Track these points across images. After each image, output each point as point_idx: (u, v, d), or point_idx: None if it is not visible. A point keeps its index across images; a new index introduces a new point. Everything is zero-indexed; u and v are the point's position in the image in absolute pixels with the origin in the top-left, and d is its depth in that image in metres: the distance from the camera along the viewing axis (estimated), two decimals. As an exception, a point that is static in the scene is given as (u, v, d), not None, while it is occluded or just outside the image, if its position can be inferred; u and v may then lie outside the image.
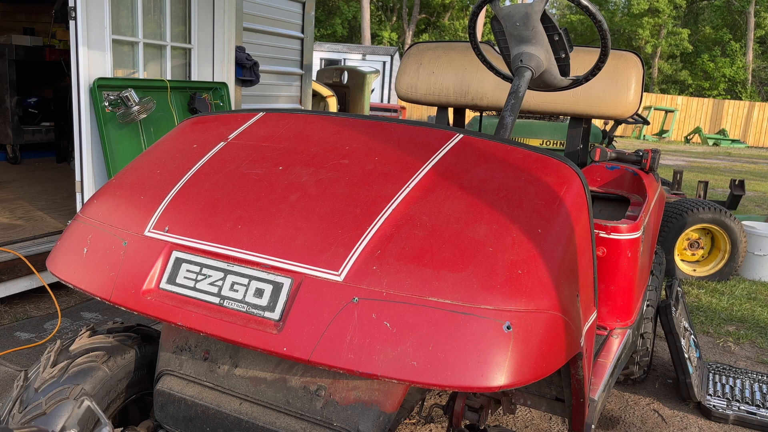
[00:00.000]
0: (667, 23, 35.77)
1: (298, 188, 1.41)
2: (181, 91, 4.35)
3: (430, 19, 38.48)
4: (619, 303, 2.28)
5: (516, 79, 1.93)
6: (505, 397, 2.04)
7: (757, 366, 3.56)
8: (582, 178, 1.44)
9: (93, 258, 1.51)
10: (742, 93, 34.92)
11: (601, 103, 2.69)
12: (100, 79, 3.71)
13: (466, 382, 1.11)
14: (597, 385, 1.95)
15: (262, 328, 1.25)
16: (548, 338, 1.19)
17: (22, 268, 3.52)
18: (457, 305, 1.15)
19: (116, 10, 3.95)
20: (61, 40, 6.79)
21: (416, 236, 1.25)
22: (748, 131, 25.96)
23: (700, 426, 2.85)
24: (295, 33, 6.16)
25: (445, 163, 1.42)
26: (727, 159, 18.11)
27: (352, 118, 1.65)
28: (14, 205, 4.64)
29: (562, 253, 1.29)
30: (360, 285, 1.21)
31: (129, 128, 3.93)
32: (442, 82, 2.95)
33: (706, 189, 6.36)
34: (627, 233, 2.17)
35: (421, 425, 2.65)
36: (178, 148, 1.71)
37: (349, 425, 1.37)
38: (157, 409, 1.60)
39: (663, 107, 23.87)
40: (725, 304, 4.57)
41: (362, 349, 1.15)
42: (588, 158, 2.89)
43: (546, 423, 2.77)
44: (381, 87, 18.72)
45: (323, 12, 35.68)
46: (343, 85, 8.45)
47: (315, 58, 17.63)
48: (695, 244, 5.13)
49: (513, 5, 1.95)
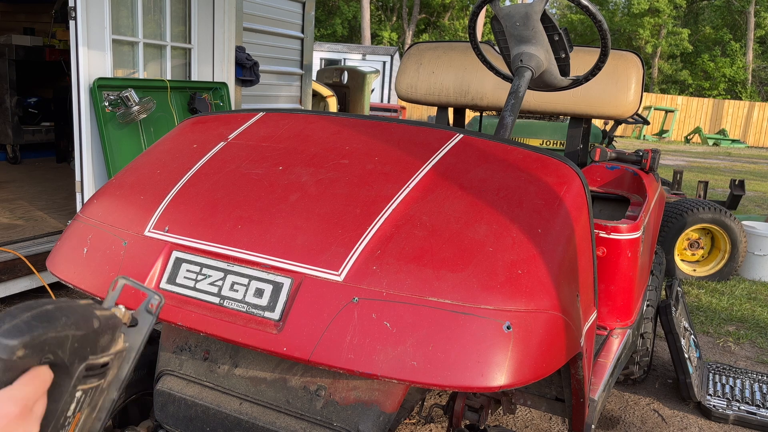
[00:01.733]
0: (667, 23, 35.77)
1: (298, 188, 1.41)
2: (181, 91, 4.35)
3: (430, 19, 38.48)
4: (619, 303, 2.28)
5: (516, 79, 1.93)
6: (505, 397, 2.03)
7: (757, 366, 3.56)
8: (582, 178, 1.44)
9: (93, 258, 1.51)
10: (742, 93, 34.92)
11: (601, 103, 2.69)
12: (100, 79, 3.71)
13: (466, 382, 1.11)
14: (597, 385, 1.95)
15: (262, 328, 1.25)
16: (548, 338, 1.19)
17: (22, 268, 3.52)
18: (457, 305, 1.15)
19: (116, 10, 3.95)
20: (61, 40, 6.79)
21: (416, 236, 1.25)
22: (748, 131, 25.96)
23: (700, 426, 2.85)
24: (295, 33, 6.16)
25: (445, 163, 1.42)
26: (727, 159, 18.11)
27: (352, 118, 1.65)
28: (14, 205, 4.64)
29: (562, 253, 1.29)
30: (360, 285, 1.21)
31: (129, 128, 3.93)
32: (442, 82, 2.95)
33: (706, 189, 6.36)
34: (627, 233, 2.17)
35: (421, 425, 2.65)
36: (178, 148, 1.71)
37: (349, 425, 1.37)
38: (157, 409, 1.60)
39: (663, 107, 23.87)
40: (725, 304, 4.57)
41: (362, 349, 1.15)
42: (588, 158, 2.89)
43: (546, 423, 2.77)
44: (381, 87, 18.72)
45: (323, 12, 35.68)
46: (343, 85, 8.45)
47: (315, 58, 17.62)
48: (695, 244, 5.13)
49: (513, 5, 1.95)
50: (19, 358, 0.60)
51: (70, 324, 0.66)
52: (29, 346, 0.61)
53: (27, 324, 0.61)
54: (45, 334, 0.62)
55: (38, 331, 0.62)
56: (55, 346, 0.64)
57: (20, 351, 0.60)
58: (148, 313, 0.82)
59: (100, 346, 0.71)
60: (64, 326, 0.65)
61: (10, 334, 0.59)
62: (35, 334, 0.61)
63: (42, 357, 0.63)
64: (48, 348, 0.63)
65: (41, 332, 0.62)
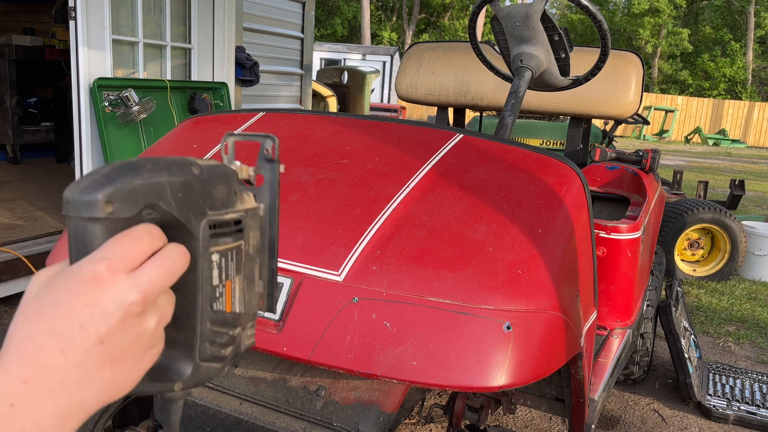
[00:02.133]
0: (667, 23, 35.78)
1: (298, 188, 1.41)
2: (181, 91, 4.35)
3: (430, 19, 38.49)
4: (619, 303, 2.28)
5: (516, 79, 1.93)
6: (505, 397, 2.03)
7: (757, 366, 3.56)
8: (582, 178, 1.44)
9: (93, 258, 1.50)
10: (742, 93, 34.92)
11: (601, 103, 2.69)
12: (100, 79, 3.71)
13: (466, 382, 1.11)
14: (597, 385, 1.95)
15: (261, 328, 1.25)
16: (548, 338, 1.19)
17: (22, 268, 3.52)
18: (457, 305, 1.15)
19: (116, 10, 3.95)
20: (61, 40, 6.79)
21: (416, 236, 1.25)
22: (748, 131, 25.96)
23: (700, 426, 2.85)
24: (295, 33, 6.16)
25: (445, 163, 1.42)
26: (727, 159, 18.11)
27: (352, 118, 1.65)
28: (14, 205, 4.64)
29: (562, 253, 1.29)
30: (360, 285, 1.21)
31: (129, 128, 3.93)
32: (442, 82, 2.95)
33: (706, 189, 6.36)
34: (627, 233, 2.17)
35: (421, 425, 2.65)
36: (178, 148, 1.71)
37: (349, 425, 1.37)
38: (157, 409, 1.60)
39: (663, 107, 23.87)
40: (725, 304, 4.57)
41: (362, 349, 1.15)
42: (588, 158, 2.89)
43: (546, 423, 2.77)
44: (381, 87, 18.72)
45: (323, 12, 35.68)
46: (343, 85, 8.44)
47: (315, 58, 17.61)
48: (695, 244, 5.13)
49: (513, 5, 1.95)
50: (110, 214, 0.51)
51: (160, 169, 0.56)
52: (116, 198, 0.52)
53: (106, 176, 0.53)
54: (131, 181, 0.53)
55: (121, 179, 0.53)
56: (150, 196, 0.54)
57: (107, 205, 0.51)
58: (267, 162, 0.71)
59: (218, 198, 0.61)
60: (152, 172, 0.55)
61: (90, 188, 0.51)
62: (119, 182, 0.53)
63: (140, 210, 0.54)
64: (142, 199, 0.54)
65: (125, 180, 0.53)
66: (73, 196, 0.51)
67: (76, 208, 0.51)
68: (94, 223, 0.51)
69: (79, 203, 0.51)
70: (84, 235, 0.51)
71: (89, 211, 0.51)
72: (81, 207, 0.51)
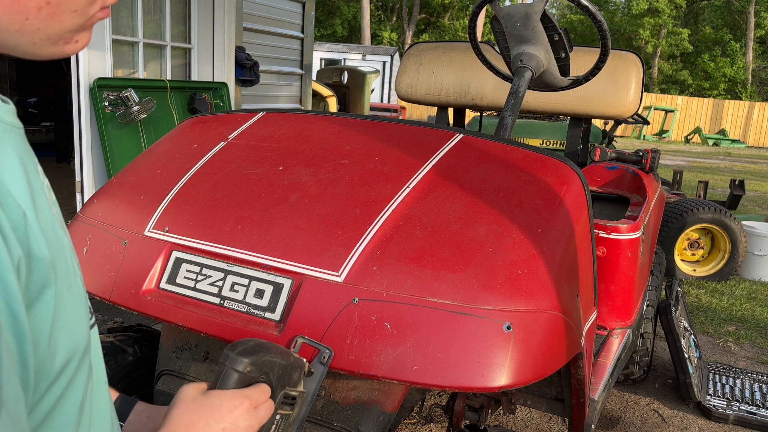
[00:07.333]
0: (667, 23, 35.78)
1: (298, 188, 1.41)
2: (181, 91, 4.35)
3: (430, 19, 38.49)
4: (619, 303, 2.28)
5: (516, 79, 1.93)
6: (505, 397, 2.03)
7: (757, 366, 3.56)
8: (582, 178, 1.44)
9: (93, 258, 1.51)
10: (742, 93, 34.92)
11: (601, 103, 2.69)
12: (100, 79, 3.70)
13: (466, 383, 1.11)
14: (597, 385, 1.95)
15: (262, 328, 1.25)
16: (548, 338, 1.19)
17: (22, 268, 3.52)
18: (457, 305, 1.15)
19: (116, 10, 3.95)
20: (61, 40, 6.78)
21: (416, 236, 1.25)
22: (748, 131, 25.96)
23: (700, 426, 2.85)
24: (295, 33, 6.16)
25: (445, 163, 1.42)
26: (727, 159, 18.11)
27: (352, 118, 1.65)
28: (14, 205, 4.63)
29: (562, 253, 1.29)
30: (360, 286, 1.21)
31: (129, 128, 3.93)
32: (442, 82, 2.95)
33: (706, 189, 6.36)
34: (627, 233, 2.17)
35: (421, 425, 2.65)
36: (178, 148, 1.71)
37: (349, 425, 1.37)
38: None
39: (663, 107, 23.87)
40: (725, 304, 4.57)
41: (362, 350, 1.15)
42: (588, 158, 2.89)
43: (546, 423, 2.77)
44: (381, 87, 18.72)
45: (323, 12, 35.67)
46: (343, 85, 8.45)
47: (315, 58, 17.60)
48: (695, 244, 5.13)
49: (513, 5, 1.95)
50: (248, 372, 0.87)
51: (279, 353, 0.94)
52: (254, 364, 0.88)
53: (253, 348, 0.89)
54: (264, 356, 0.90)
55: (260, 353, 0.89)
56: (268, 368, 0.90)
57: (249, 367, 0.87)
58: (321, 365, 1.09)
59: (293, 379, 0.97)
60: (275, 353, 0.92)
61: (244, 353, 0.87)
62: (259, 354, 0.89)
63: (260, 375, 0.88)
64: (264, 368, 0.89)
65: (262, 354, 0.89)
66: (232, 353, 0.88)
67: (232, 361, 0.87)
68: (236, 373, 0.86)
69: (235, 359, 0.87)
70: (228, 376, 0.86)
71: (237, 366, 0.87)
72: (234, 362, 0.86)
